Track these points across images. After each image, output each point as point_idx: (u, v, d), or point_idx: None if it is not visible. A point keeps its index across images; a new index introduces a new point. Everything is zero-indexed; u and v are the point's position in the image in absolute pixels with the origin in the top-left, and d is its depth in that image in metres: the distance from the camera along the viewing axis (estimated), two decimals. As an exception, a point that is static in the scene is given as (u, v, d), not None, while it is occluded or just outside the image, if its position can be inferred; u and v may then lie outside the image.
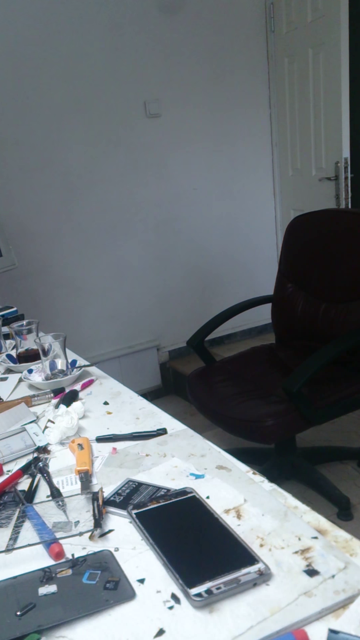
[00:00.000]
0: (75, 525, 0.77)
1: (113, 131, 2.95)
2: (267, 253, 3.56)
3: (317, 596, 0.60)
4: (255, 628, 0.57)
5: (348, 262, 2.07)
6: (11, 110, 2.70)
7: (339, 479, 2.19)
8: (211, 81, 3.18)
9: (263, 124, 3.40)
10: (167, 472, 0.89)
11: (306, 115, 3.13)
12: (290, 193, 3.43)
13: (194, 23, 3.06)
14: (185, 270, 3.33)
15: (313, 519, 0.73)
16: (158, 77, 3.01)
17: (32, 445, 1.03)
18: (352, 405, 1.95)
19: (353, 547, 0.67)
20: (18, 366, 1.47)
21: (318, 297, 2.18)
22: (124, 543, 0.73)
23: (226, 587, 0.61)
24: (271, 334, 2.52)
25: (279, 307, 2.36)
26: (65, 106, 2.81)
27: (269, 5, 3.21)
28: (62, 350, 1.36)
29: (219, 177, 3.33)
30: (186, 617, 0.60)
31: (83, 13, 2.76)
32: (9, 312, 1.91)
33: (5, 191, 2.75)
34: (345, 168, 2.95)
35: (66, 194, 2.90)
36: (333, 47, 2.83)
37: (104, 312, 3.13)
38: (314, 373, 1.78)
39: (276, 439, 2.05)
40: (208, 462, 0.90)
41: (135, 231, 3.13)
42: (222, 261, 3.44)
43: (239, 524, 0.74)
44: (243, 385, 2.06)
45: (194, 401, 2.12)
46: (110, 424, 1.10)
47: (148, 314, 3.26)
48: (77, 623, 0.61)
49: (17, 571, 0.70)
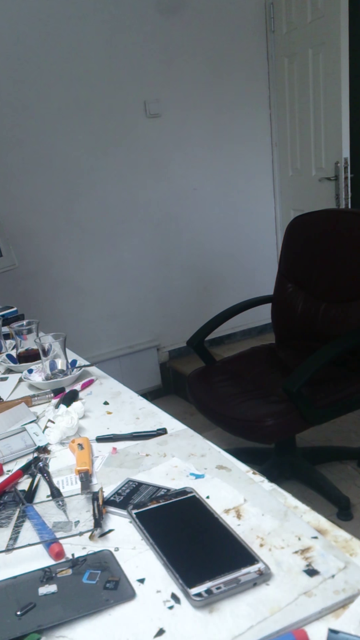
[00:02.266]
0: (75, 525, 0.77)
1: (113, 131, 2.95)
2: (267, 253, 3.56)
3: (317, 596, 0.60)
4: (255, 628, 0.57)
5: (348, 262, 2.07)
6: (11, 110, 2.70)
7: (338, 479, 2.19)
8: (211, 81, 3.17)
9: (263, 124, 3.40)
10: (167, 472, 0.89)
11: (306, 115, 3.13)
12: (290, 193, 3.43)
13: (194, 23, 3.06)
14: (185, 270, 3.33)
15: (313, 519, 0.73)
16: (158, 77, 3.01)
17: (32, 445, 1.03)
18: (352, 405, 1.95)
19: (353, 547, 0.67)
20: (18, 366, 1.47)
21: (318, 297, 2.18)
22: (124, 543, 0.73)
23: (226, 587, 0.61)
24: (271, 334, 2.52)
25: (279, 307, 2.36)
26: (65, 106, 2.81)
27: (269, 5, 3.21)
28: (62, 350, 1.36)
29: (219, 177, 3.33)
30: (186, 617, 0.60)
31: (83, 13, 2.76)
32: (9, 312, 1.91)
33: (5, 191, 2.75)
34: (345, 168, 2.95)
35: (66, 194, 2.90)
36: (333, 47, 2.83)
37: (104, 312, 3.13)
38: (314, 373, 1.78)
39: (276, 439, 2.06)
40: (208, 462, 0.90)
41: (135, 231, 3.13)
42: (222, 261, 3.44)
43: (239, 523, 0.74)
44: (243, 385, 2.06)
45: (194, 401, 2.12)
46: (110, 424, 1.10)
47: (148, 314, 3.26)
48: (77, 623, 0.61)
49: (17, 571, 0.70)
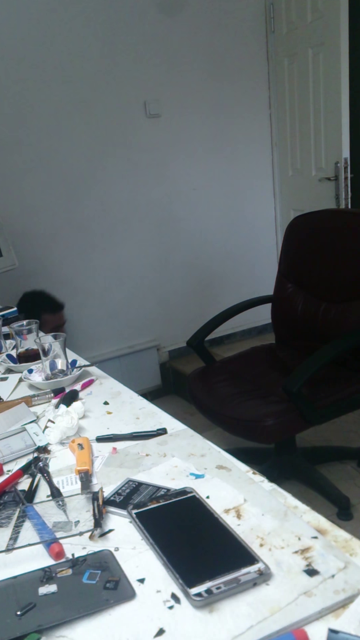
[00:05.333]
0: (75, 525, 0.77)
1: (113, 131, 2.95)
2: (267, 253, 3.56)
3: (317, 596, 0.60)
4: (255, 628, 0.57)
5: (348, 261, 2.07)
6: (11, 110, 2.70)
7: (338, 479, 2.19)
8: (211, 81, 3.17)
9: (263, 124, 3.40)
10: (167, 472, 0.89)
11: (306, 115, 3.13)
12: (290, 193, 3.43)
13: (194, 23, 3.06)
14: (185, 270, 3.33)
15: (313, 519, 0.73)
16: (158, 77, 3.01)
17: (32, 445, 1.03)
18: (352, 405, 1.95)
19: (353, 546, 0.67)
20: (18, 366, 1.47)
21: (318, 297, 2.18)
22: (124, 543, 0.73)
23: (226, 586, 0.61)
24: (271, 334, 2.52)
25: (279, 307, 2.36)
26: (65, 106, 2.81)
27: (269, 6, 3.21)
28: (62, 350, 1.35)
29: (219, 177, 3.32)
30: (186, 617, 0.60)
31: (83, 13, 2.76)
32: (9, 312, 1.91)
33: (5, 191, 2.75)
34: (345, 168, 2.95)
35: (66, 194, 2.90)
36: (333, 47, 2.83)
37: (104, 312, 3.13)
38: (314, 373, 1.78)
39: (276, 439, 2.05)
40: (208, 462, 0.90)
41: (135, 231, 3.13)
42: (222, 261, 3.44)
43: (238, 523, 0.74)
44: (243, 385, 2.06)
45: (194, 401, 2.12)
46: (110, 424, 1.10)
47: (148, 314, 3.26)
48: (77, 623, 0.61)
49: (17, 571, 0.70)
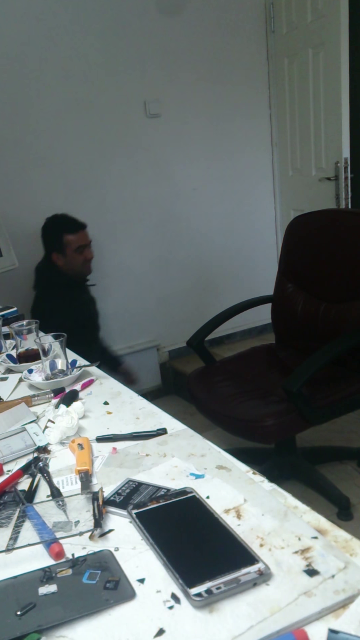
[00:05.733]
0: (75, 525, 0.77)
1: (113, 131, 2.95)
2: (267, 253, 3.55)
3: (317, 596, 0.60)
4: (255, 628, 0.57)
5: (348, 262, 2.06)
6: (11, 109, 2.70)
7: (338, 479, 2.19)
8: (211, 81, 3.17)
9: (263, 124, 3.40)
10: (167, 472, 0.89)
11: (306, 115, 3.13)
12: (290, 193, 3.43)
13: (194, 23, 3.06)
14: (185, 270, 3.33)
15: (313, 519, 0.73)
16: (158, 77, 3.01)
17: (32, 445, 1.03)
18: (352, 405, 1.95)
19: (353, 547, 0.67)
20: (18, 366, 1.47)
21: (318, 297, 2.18)
22: (124, 543, 0.73)
23: (226, 587, 0.61)
24: (271, 334, 2.51)
25: (279, 307, 2.35)
26: (65, 106, 2.81)
27: (269, 5, 3.21)
28: (62, 350, 1.35)
29: (219, 177, 3.32)
30: (186, 617, 0.60)
31: (83, 13, 2.76)
32: (9, 312, 1.91)
33: (5, 191, 2.75)
34: (345, 168, 2.95)
35: (66, 194, 2.90)
36: (333, 47, 2.83)
37: (104, 312, 3.12)
38: (313, 373, 1.77)
39: (276, 439, 2.06)
40: (208, 462, 0.90)
41: (135, 231, 3.13)
42: (222, 261, 3.44)
43: (238, 523, 0.74)
44: (243, 385, 2.06)
45: (194, 401, 2.12)
46: (110, 424, 1.10)
47: (148, 314, 3.26)
48: (77, 623, 0.61)
49: (17, 571, 0.70)
